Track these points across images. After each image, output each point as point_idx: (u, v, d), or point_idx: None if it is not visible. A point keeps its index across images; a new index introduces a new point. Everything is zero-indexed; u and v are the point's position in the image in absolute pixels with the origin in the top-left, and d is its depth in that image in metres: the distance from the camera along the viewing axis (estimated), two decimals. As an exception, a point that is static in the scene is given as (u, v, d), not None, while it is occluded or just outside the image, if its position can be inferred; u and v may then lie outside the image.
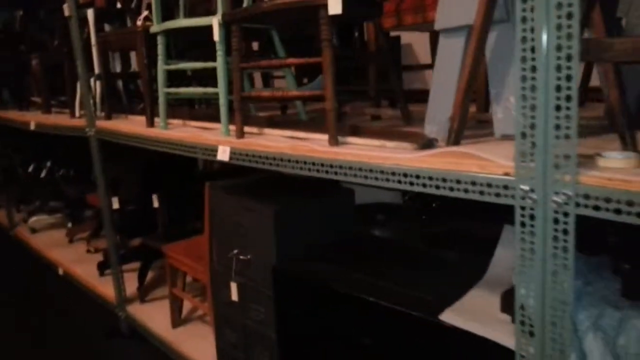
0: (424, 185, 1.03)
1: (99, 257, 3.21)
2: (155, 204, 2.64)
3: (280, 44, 1.86)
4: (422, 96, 1.88)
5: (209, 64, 1.70)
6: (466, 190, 0.96)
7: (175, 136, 1.76)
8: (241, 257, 1.73)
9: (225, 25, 1.59)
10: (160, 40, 1.86)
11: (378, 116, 1.84)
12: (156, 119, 2.04)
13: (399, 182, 1.08)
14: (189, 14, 2.07)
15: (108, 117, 2.35)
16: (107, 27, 2.75)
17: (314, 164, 1.27)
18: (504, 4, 1.08)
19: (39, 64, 3.09)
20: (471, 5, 1.12)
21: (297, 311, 1.50)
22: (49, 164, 4.35)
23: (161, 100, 1.90)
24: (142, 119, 2.29)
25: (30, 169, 4.48)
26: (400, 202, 2.21)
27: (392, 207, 2.14)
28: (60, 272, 3.24)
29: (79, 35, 2.28)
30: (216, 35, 1.60)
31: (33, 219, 4.08)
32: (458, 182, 0.97)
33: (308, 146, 1.33)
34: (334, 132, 1.29)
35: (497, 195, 0.92)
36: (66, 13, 2.32)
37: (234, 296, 1.77)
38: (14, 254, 3.86)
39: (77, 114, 2.68)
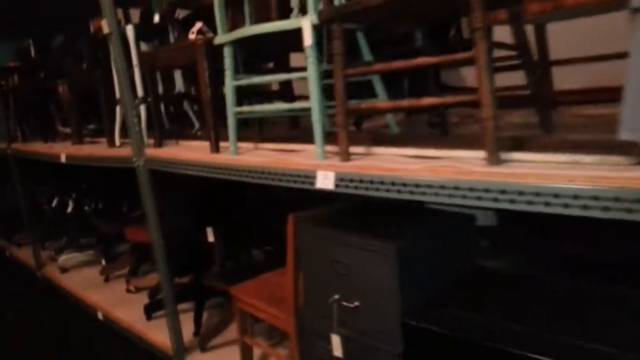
0: (680, 215, 0.75)
1: (141, 297, 2.94)
2: (210, 238, 2.35)
3: (366, 47, 1.59)
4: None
5: (295, 75, 1.43)
6: None
7: (257, 162, 1.49)
8: (344, 303, 1.44)
9: (319, 26, 1.32)
10: (227, 52, 1.59)
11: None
12: (221, 144, 1.77)
13: (629, 210, 0.79)
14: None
15: (158, 144, 2.08)
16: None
17: (471, 189, 0.99)
18: None
19: (68, 90, 2.85)
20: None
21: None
22: (74, 197, 4.09)
23: (230, 121, 1.63)
24: (198, 144, 2.03)
25: (54, 203, 4.22)
26: (495, 225, 1.92)
27: (493, 230, 1.85)
28: (100, 316, 2.95)
29: (121, 54, 2.02)
30: (308, 39, 1.33)
31: (62, 257, 3.79)
32: None
33: (456, 167, 1.05)
34: (494, 148, 1.01)
35: None
36: (105, 30, 2.06)
37: (337, 351, 1.47)
38: (43, 296, 3.57)
39: (117, 142, 2.42)
